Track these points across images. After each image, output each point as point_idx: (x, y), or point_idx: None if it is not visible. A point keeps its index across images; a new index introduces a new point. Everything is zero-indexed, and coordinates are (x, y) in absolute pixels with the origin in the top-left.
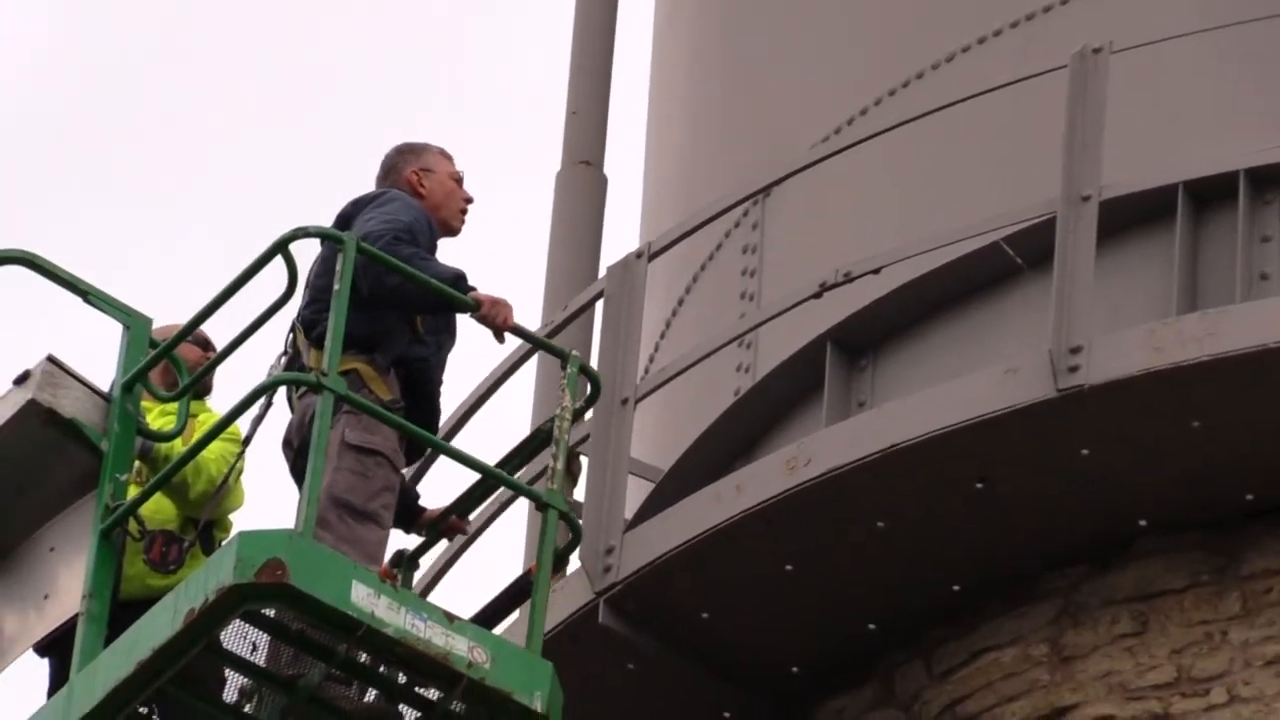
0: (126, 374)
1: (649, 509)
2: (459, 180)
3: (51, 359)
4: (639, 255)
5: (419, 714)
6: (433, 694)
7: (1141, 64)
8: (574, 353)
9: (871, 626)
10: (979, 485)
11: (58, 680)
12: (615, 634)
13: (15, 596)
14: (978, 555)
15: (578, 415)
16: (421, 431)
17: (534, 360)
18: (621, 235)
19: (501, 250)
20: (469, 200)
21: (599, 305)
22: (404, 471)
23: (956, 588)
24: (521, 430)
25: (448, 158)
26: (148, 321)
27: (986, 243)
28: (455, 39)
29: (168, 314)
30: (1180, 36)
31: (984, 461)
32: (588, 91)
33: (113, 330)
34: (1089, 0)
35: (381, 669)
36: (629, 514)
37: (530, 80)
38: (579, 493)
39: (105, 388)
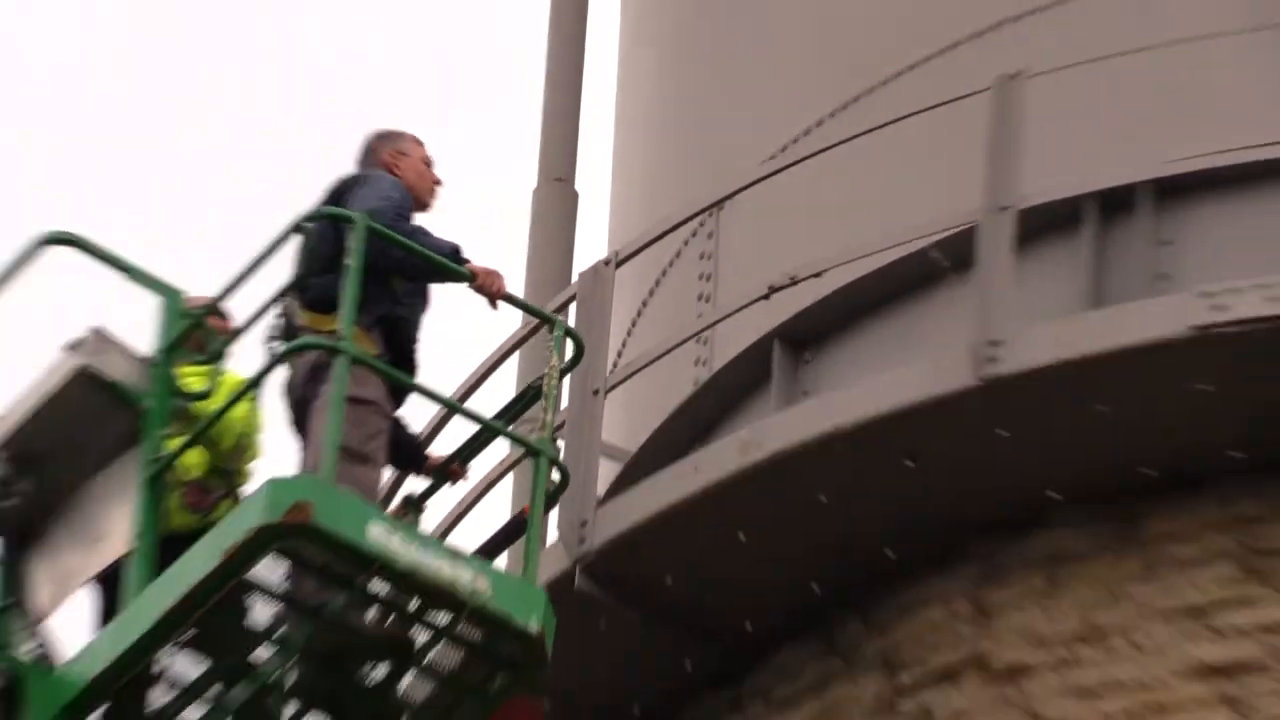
0: (164, 342)
1: (619, 486)
2: (429, 163)
3: (99, 329)
4: (607, 262)
5: (428, 635)
6: (441, 618)
7: (1054, 87)
8: (560, 318)
9: (815, 587)
10: (909, 463)
11: (108, 610)
12: (589, 597)
13: (73, 537)
14: (908, 524)
15: (564, 373)
16: (420, 386)
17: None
18: (592, 244)
19: (484, 258)
20: (438, 182)
21: (572, 307)
22: (418, 431)
23: (890, 552)
24: (504, 390)
25: (420, 143)
26: (181, 295)
27: (916, 249)
28: (445, 74)
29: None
30: (1089, 62)
31: (914, 442)
32: (560, 116)
33: (142, 300)
34: (1007, 31)
35: (396, 597)
36: (601, 491)
37: (509, 107)
38: (555, 474)
39: (145, 353)
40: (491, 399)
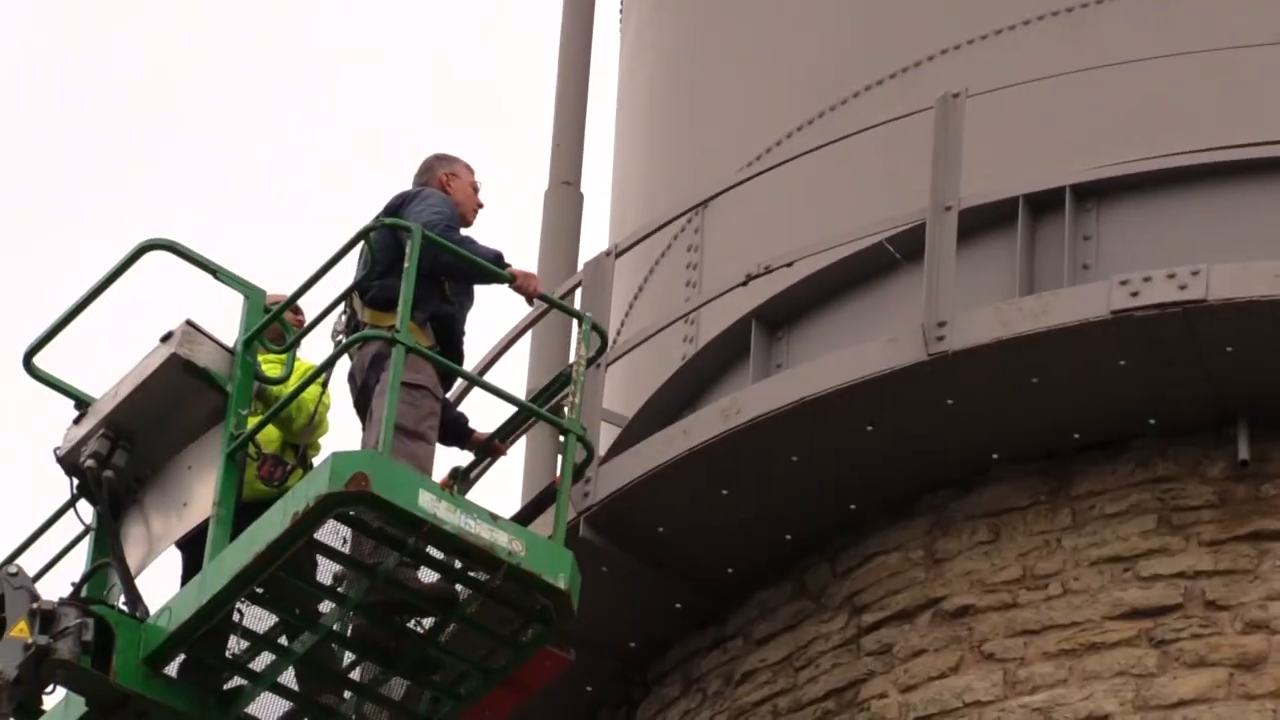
0: (246, 333)
1: (617, 448)
2: (476, 188)
3: (189, 322)
4: (608, 253)
5: (470, 591)
6: (481, 575)
7: (990, 104)
8: (588, 314)
9: (788, 537)
10: (869, 428)
11: (191, 569)
12: (592, 545)
13: (161, 504)
14: (869, 481)
15: (590, 362)
16: (466, 373)
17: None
18: (595, 237)
19: (502, 248)
20: (480, 205)
21: (578, 292)
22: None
23: (853, 506)
24: (518, 372)
25: (470, 170)
26: (262, 292)
27: (873, 242)
28: (469, 91)
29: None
30: (1019, 84)
31: (873, 409)
32: (568, 128)
33: (227, 298)
34: (950, 57)
35: (441, 557)
36: (602, 452)
37: (523, 121)
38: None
39: (230, 343)
40: (503, 373)
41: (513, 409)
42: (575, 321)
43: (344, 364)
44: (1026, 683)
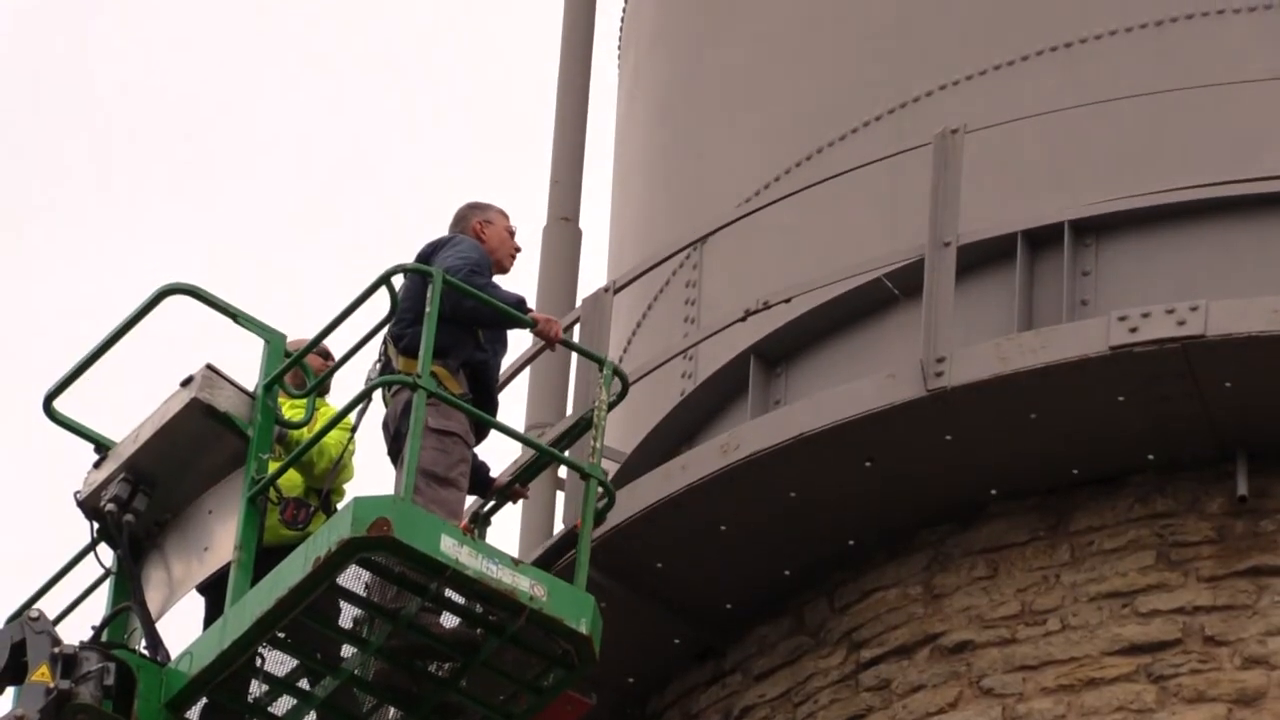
0: (267, 377)
1: (617, 483)
2: (511, 233)
3: (210, 366)
4: (606, 290)
5: (492, 635)
6: (503, 620)
7: (989, 140)
8: (608, 359)
9: (787, 572)
10: (868, 464)
11: (212, 613)
12: (592, 580)
13: (182, 548)
14: (867, 517)
15: (611, 406)
16: (491, 419)
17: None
18: (593, 273)
19: (503, 284)
20: (517, 249)
21: (576, 328)
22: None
23: (851, 542)
24: (516, 404)
25: (505, 216)
26: (283, 337)
27: (872, 278)
28: (462, 124)
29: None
30: (1017, 119)
31: (871, 445)
32: (567, 164)
33: (248, 342)
34: (948, 92)
35: (463, 602)
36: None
37: (521, 155)
38: (563, 472)
39: (250, 387)
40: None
41: (519, 447)
42: (575, 356)
43: (379, 411)
44: (1025, 718)
